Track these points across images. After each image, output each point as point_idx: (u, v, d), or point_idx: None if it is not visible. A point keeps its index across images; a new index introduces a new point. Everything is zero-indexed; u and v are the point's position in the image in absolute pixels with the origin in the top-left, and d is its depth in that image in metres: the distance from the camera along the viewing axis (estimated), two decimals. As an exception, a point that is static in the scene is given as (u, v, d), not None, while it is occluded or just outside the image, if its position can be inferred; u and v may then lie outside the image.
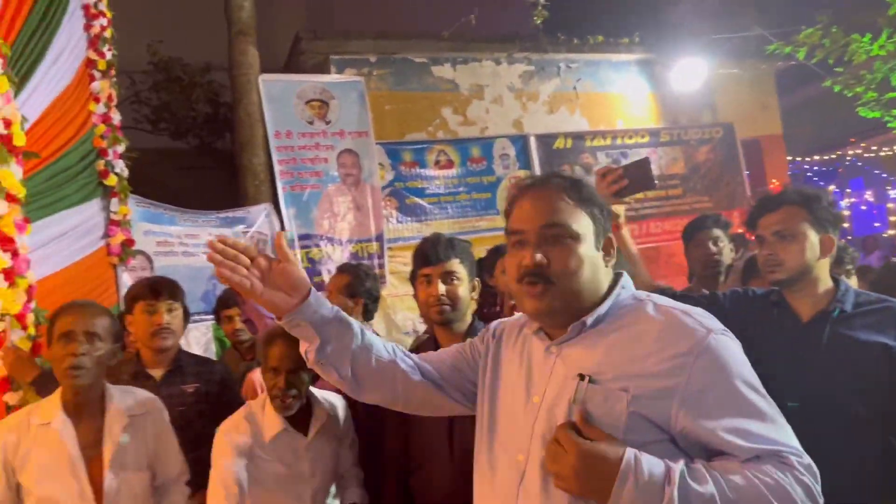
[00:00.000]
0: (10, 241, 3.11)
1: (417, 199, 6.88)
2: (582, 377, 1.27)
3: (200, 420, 2.69)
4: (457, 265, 2.21)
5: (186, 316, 2.91)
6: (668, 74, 7.73)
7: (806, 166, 11.83)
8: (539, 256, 1.32)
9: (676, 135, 7.79)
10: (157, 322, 2.70)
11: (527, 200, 1.39)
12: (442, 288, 2.18)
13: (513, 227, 1.40)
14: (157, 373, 2.74)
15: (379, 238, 6.52)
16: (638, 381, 1.24)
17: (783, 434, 1.23)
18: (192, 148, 8.80)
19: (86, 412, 2.13)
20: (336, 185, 6.50)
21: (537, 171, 7.21)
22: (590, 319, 1.34)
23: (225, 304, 4.12)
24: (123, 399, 2.21)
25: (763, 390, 1.27)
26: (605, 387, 1.25)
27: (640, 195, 7.52)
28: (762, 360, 2.11)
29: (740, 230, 5.08)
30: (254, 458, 2.14)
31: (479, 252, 6.43)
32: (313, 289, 1.45)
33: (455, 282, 2.21)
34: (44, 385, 2.74)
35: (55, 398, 2.14)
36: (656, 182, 2.30)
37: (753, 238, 2.38)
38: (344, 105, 6.59)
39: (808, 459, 1.22)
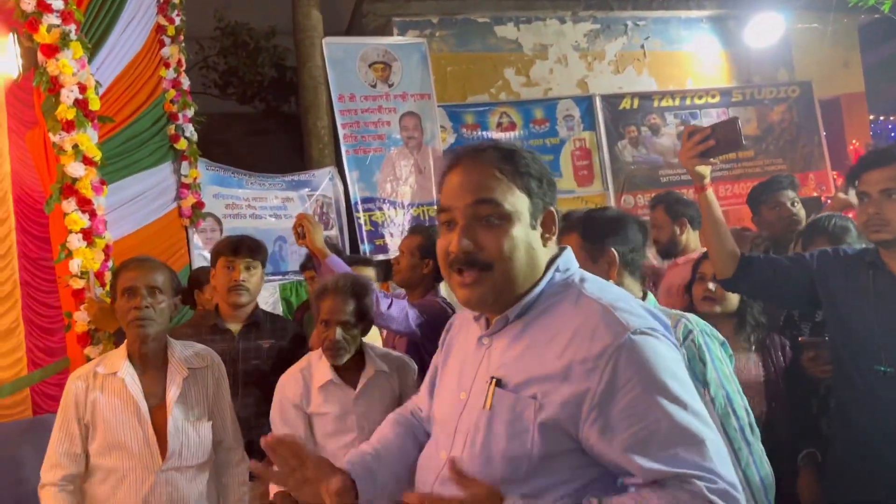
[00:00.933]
0: (88, 202, 3.26)
1: (479, 162, 6.81)
2: (493, 380, 1.17)
3: (274, 374, 2.78)
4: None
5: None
6: (741, 31, 7.38)
7: (890, 125, 11.17)
8: (466, 243, 1.18)
9: (749, 94, 7.46)
10: (235, 278, 2.79)
11: (456, 174, 1.23)
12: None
13: (441, 204, 1.24)
14: (234, 327, 2.84)
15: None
16: (547, 387, 1.12)
17: (698, 453, 1.05)
18: (259, 112, 8.95)
19: (150, 364, 2.23)
20: (398, 149, 6.52)
21: (602, 132, 7.06)
22: (512, 314, 1.22)
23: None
24: (184, 352, 2.31)
25: (689, 399, 1.09)
26: (515, 393, 1.15)
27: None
28: (852, 322, 2.05)
29: (815, 193, 4.87)
30: (305, 409, 2.23)
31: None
32: (351, 468, 1.34)
33: None
34: (123, 337, 2.90)
35: (121, 350, 2.25)
36: (745, 143, 2.20)
37: (854, 193, 2.25)
38: (406, 67, 6.56)
39: (724, 484, 1.03)
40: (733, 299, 2.46)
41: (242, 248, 2.81)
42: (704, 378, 1.69)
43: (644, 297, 1.85)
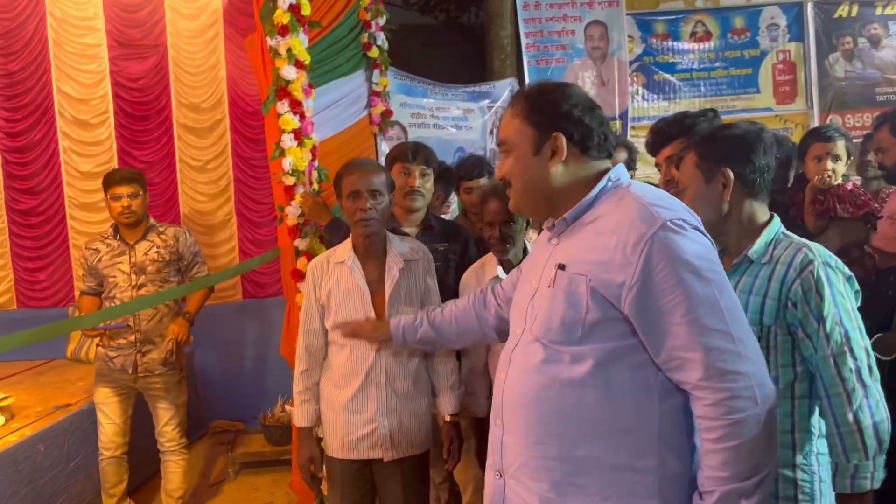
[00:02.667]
0: (299, 104, 3.47)
1: (667, 75, 6.45)
2: (558, 265, 1.44)
3: (449, 274, 2.95)
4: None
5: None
6: None
7: None
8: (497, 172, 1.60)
9: None
10: (411, 184, 2.93)
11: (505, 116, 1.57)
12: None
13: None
14: (411, 230, 3.01)
15: (623, 116, 6.29)
16: (596, 268, 1.37)
17: (731, 357, 1.28)
18: (440, 23, 8.98)
19: (371, 255, 2.47)
20: (582, 60, 6.31)
21: (811, 43, 6.37)
22: (569, 216, 1.47)
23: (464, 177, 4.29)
24: (401, 246, 2.53)
25: (716, 293, 1.30)
26: (571, 272, 1.41)
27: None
28: None
29: None
30: None
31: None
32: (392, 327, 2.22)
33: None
34: (335, 229, 3.15)
35: (347, 243, 2.51)
36: None
37: None
38: (595, -28, 6.25)
39: (762, 391, 1.29)
40: None
41: (419, 155, 2.95)
42: (820, 313, 1.61)
43: (770, 221, 1.79)
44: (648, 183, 1.54)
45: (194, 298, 3.63)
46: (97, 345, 3.52)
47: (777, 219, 1.79)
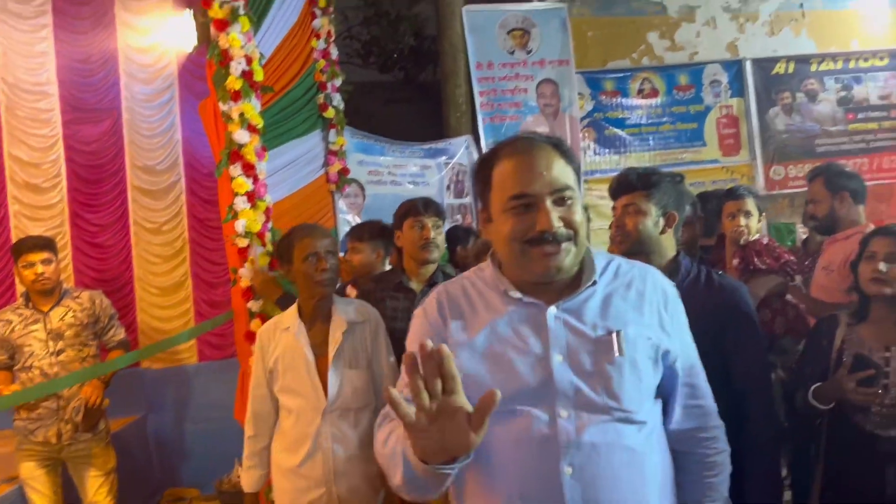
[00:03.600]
0: (252, 167, 3.51)
1: (617, 130, 6.68)
2: (617, 332, 1.35)
3: None
4: (636, 199, 2.17)
5: None
6: (919, -16, 6.67)
7: None
8: (556, 217, 1.30)
9: (925, 55, 6.77)
10: (426, 236, 2.92)
11: (526, 161, 1.33)
12: (623, 220, 2.18)
13: (516, 192, 1.32)
14: (416, 286, 2.98)
15: (575, 172, 6.44)
16: (648, 332, 1.40)
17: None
18: (399, 81, 9.17)
19: (318, 319, 2.50)
20: (535, 116, 6.49)
21: (752, 98, 6.67)
22: (596, 277, 1.40)
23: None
24: (345, 308, 2.55)
25: None
26: (634, 339, 1.38)
27: (873, 125, 6.75)
28: None
29: None
30: None
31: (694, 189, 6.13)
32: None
33: (632, 213, 2.16)
34: (285, 305, 3.16)
35: (293, 310, 2.55)
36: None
37: None
38: (545, 33, 6.49)
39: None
40: None
41: (430, 207, 2.94)
42: None
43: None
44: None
45: (111, 360, 3.54)
46: (14, 419, 3.38)
47: None
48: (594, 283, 1.38)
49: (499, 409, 1.10)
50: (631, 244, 2.13)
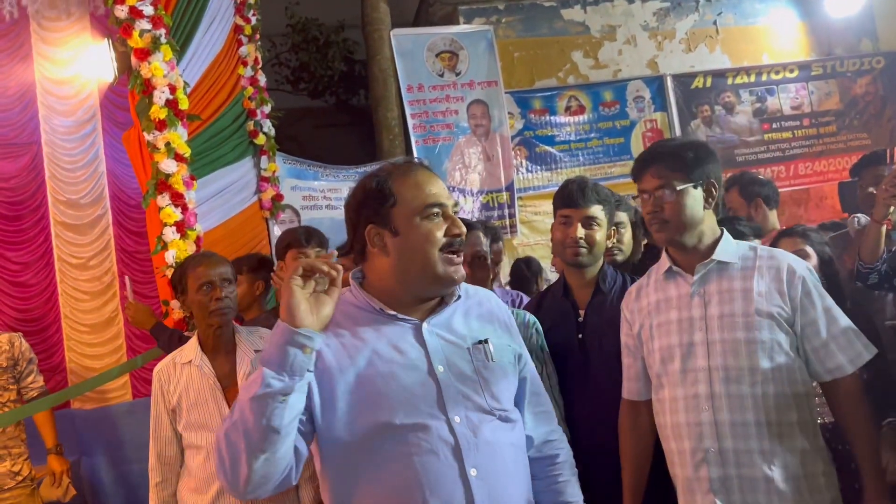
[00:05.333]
0: (180, 196, 3.46)
1: (548, 147, 6.83)
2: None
3: None
4: (598, 211, 2.22)
5: None
6: (820, 0, 7.09)
7: None
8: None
9: (830, 67, 7.17)
10: None
11: (429, 175, 1.44)
12: (581, 231, 2.20)
13: (431, 202, 1.40)
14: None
15: (509, 188, 6.57)
16: None
17: None
18: (330, 106, 9.15)
19: (221, 350, 2.39)
20: (467, 137, 6.59)
21: (674, 112, 6.93)
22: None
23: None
24: (250, 337, 2.46)
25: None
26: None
27: (787, 134, 7.10)
28: None
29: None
30: None
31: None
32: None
33: (595, 227, 2.21)
34: (160, 332, 3.18)
35: (194, 342, 2.42)
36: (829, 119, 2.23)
37: None
38: (473, 55, 6.62)
39: None
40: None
41: (312, 238, 2.81)
42: None
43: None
44: None
45: (47, 429, 3.38)
46: None
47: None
48: (458, 297, 1.46)
49: (399, 424, 1.28)
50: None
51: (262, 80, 5.00)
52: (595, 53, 7.04)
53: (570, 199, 2.22)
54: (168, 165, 3.41)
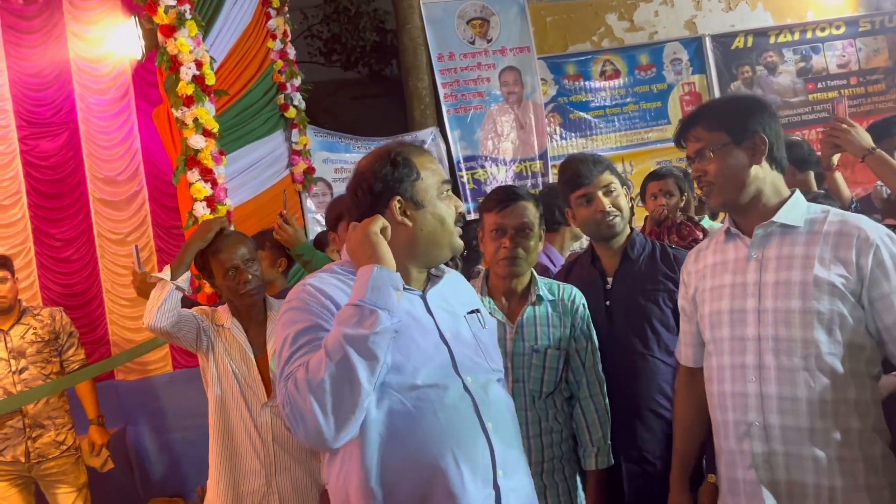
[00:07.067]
0: (210, 171, 3.50)
1: (582, 114, 6.70)
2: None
3: None
4: (610, 176, 2.18)
5: None
6: (870, -49, 6.76)
7: None
8: None
9: (879, 22, 6.83)
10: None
11: (432, 157, 1.58)
12: (606, 202, 2.15)
13: (445, 178, 1.56)
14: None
15: (543, 156, 6.48)
16: None
17: None
18: (364, 77, 9.14)
19: (253, 321, 2.45)
20: (499, 105, 6.50)
21: (713, 74, 6.72)
22: None
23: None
24: (280, 308, 2.46)
25: None
26: None
27: (833, 94, 6.83)
28: None
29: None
30: None
31: (650, 165, 6.14)
32: None
33: (615, 193, 2.18)
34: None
35: (225, 308, 2.46)
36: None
37: None
38: (504, 21, 6.50)
39: None
40: None
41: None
42: None
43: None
44: None
45: (88, 401, 3.48)
46: None
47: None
48: (445, 273, 1.58)
49: (421, 384, 1.37)
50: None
51: (291, 52, 5.00)
52: (630, 15, 6.85)
53: (580, 176, 2.18)
54: (196, 141, 3.45)
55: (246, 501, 2.34)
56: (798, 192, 1.68)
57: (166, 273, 2.35)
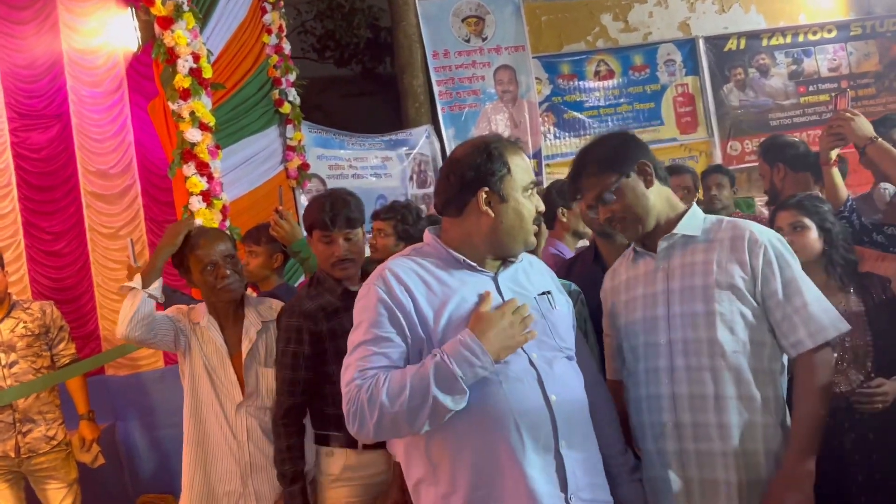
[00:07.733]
0: (206, 165, 3.47)
1: (576, 113, 6.72)
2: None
3: None
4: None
5: None
6: (862, -44, 6.82)
7: None
8: None
9: (870, 27, 6.91)
10: (336, 254, 2.66)
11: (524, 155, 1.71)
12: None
13: (533, 179, 1.67)
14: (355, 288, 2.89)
15: (537, 155, 6.49)
16: None
17: None
18: (356, 74, 9.10)
19: (229, 319, 2.43)
20: (493, 103, 6.51)
21: (706, 76, 6.76)
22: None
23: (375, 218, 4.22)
24: (259, 307, 2.49)
25: None
26: None
27: (824, 97, 6.88)
28: None
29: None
30: None
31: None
32: None
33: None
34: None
35: (202, 307, 2.45)
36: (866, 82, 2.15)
37: None
38: (499, 20, 6.51)
39: None
40: (815, 246, 2.33)
41: (338, 221, 2.31)
42: None
43: None
44: None
45: (79, 396, 3.43)
46: None
47: None
48: (521, 259, 1.65)
49: None
50: None
51: (286, 48, 4.98)
52: (624, 16, 6.88)
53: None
54: (193, 135, 3.43)
55: (222, 502, 2.34)
56: (695, 205, 1.82)
57: (137, 282, 2.30)
